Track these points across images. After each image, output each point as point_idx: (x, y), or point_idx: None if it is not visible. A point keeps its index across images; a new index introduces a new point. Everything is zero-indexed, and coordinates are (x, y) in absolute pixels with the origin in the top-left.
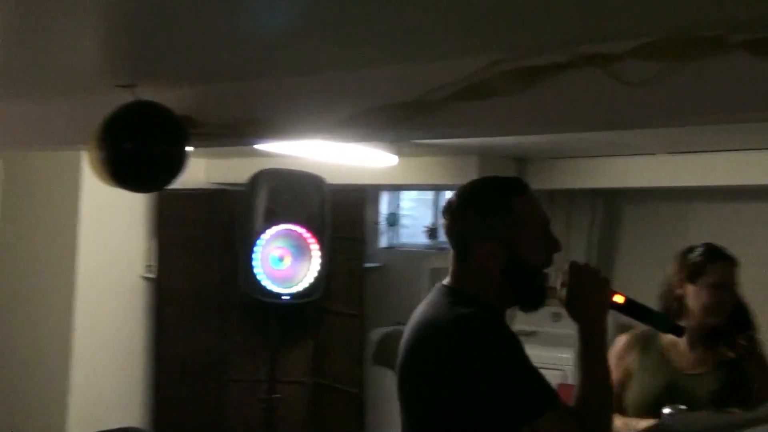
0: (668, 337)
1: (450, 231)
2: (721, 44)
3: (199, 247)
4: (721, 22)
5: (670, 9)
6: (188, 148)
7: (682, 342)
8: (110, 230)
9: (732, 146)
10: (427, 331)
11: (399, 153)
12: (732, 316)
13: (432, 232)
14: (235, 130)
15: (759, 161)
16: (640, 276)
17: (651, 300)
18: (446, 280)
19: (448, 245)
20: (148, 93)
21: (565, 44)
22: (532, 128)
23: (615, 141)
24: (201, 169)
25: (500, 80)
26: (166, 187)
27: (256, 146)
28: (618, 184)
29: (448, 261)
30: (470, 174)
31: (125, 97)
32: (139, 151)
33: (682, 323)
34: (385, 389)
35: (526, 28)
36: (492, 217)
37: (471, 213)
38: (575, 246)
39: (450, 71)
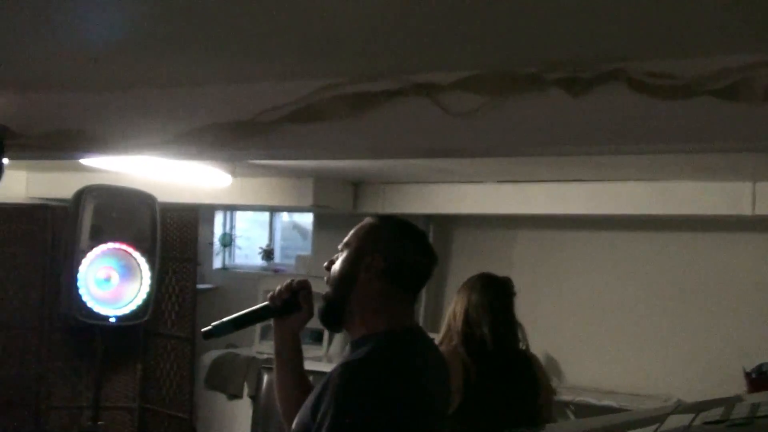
0: None
1: None
2: (539, 81)
3: (17, 264)
4: (539, 61)
5: (492, 46)
6: (4, 160)
7: None
8: None
9: (552, 178)
10: None
11: (234, 173)
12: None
13: (267, 254)
14: (57, 143)
15: (578, 192)
16: None
17: None
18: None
19: None
20: None
21: (396, 72)
22: (362, 153)
23: (445, 168)
24: (21, 183)
25: (331, 104)
26: None
27: (81, 161)
28: (448, 209)
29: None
30: (306, 196)
31: None
32: None
33: None
34: (217, 413)
35: (359, 54)
36: None
37: None
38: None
39: (282, 93)
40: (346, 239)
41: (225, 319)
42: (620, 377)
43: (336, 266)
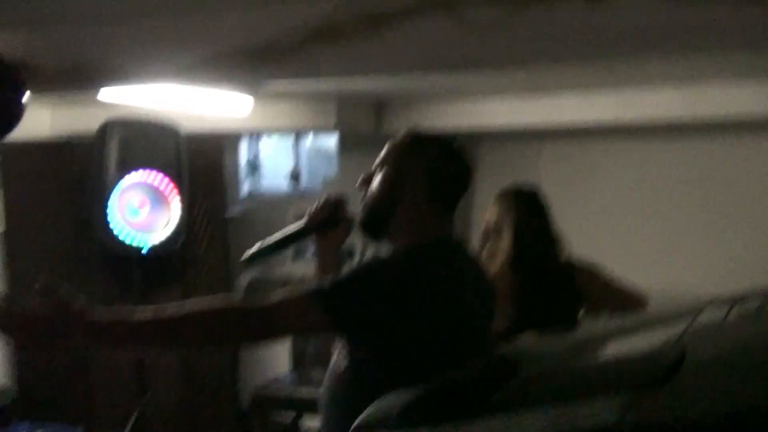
0: None
1: None
2: None
3: (49, 200)
4: None
5: None
6: (25, 97)
7: None
8: None
9: (581, 85)
10: None
11: (256, 98)
12: None
13: (294, 178)
14: (76, 76)
15: (606, 99)
16: None
17: None
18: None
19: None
20: None
21: None
22: (382, 71)
23: (468, 84)
24: (45, 120)
25: (350, 24)
26: (3, 140)
27: (104, 95)
28: (473, 125)
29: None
30: (329, 118)
31: None
32: None
33: None
34: None
35: None
36: None
37: None
38: None
39: (300, 15)
40: (382, 156)
41: (266, 243)
42: (652, 276)
43: (375, 185)
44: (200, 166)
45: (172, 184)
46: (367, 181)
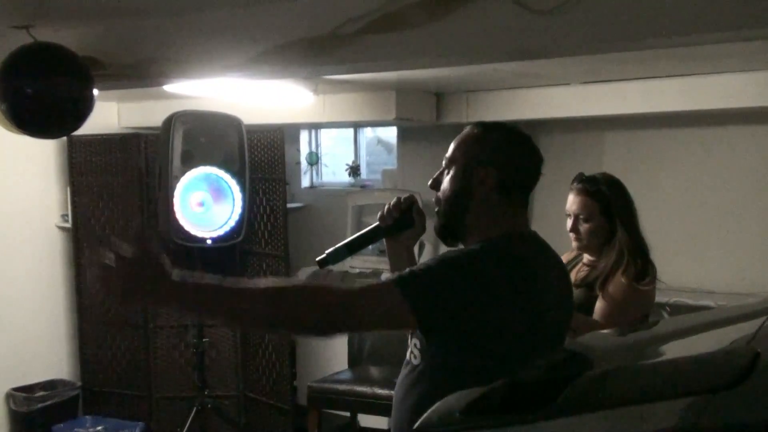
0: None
1: None
2: None
3: (115, 193)
4: None
5: None
6: (94, 91)
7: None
8: (21, 180)
9: (642, 75)
10: None
11: (316, 91)
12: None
13: (354, 170)
14: (141, 71)
15: (670, 88)
16: (558, 204)
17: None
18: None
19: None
20: (45, 34)
21: None
22: (444, 59)
23: (529, 72)
24: (113, 114)
25: (410, 11)
26: (73, 133)
27: (167, 88)
28: (534, 115)
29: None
30: (388, 109)
31: (22, 39)
32: (41, 95)
33: None
34: None
35: None
36: None
37: None
38: None
39: (360, 3)
40: (449, 154)
41: (339, 245)
42: (718, 277)
43: (446, 185)
44: (262, 158)
45: (234, 177)
46: (438, 181)
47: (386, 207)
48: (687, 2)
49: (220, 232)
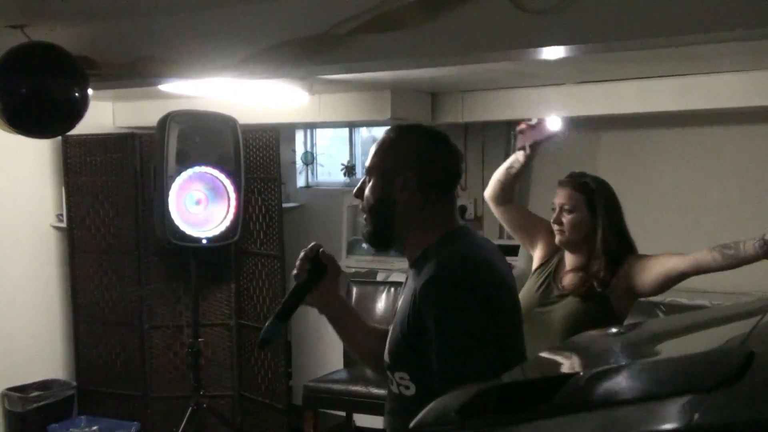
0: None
1: None
2: None
3: (110, 193)
4: None
5: None
6: (89, 91)
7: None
8: (16, 180)
9: (637, 75)
10: None
11: (311, 90)
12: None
13: (349, 170)
14: (135, 70)
15: (665, 88)
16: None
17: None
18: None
19: None
20: (39, 33)
21: None
22: (440, 58)
23: (524, 71)
24: (108, 114)
25: (405, 11)
26: (67, 132)
27: (162, 87)
28: (530, 114)
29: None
30: (384, 109)
31: (17, 39)
32: (36, 95)
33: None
34: (309, 325)
35: None
36: None
37: None
38: (490, 177)
39: (355, 3)
40: (368, 163)
41: (269, 321)
42: (713, 276)
43: (368, 193)
44: (257, 158)
45: (230, 177)
46: (361, 190)
47: (297, 264)
48: (682, 2)
49: (216, 231)
